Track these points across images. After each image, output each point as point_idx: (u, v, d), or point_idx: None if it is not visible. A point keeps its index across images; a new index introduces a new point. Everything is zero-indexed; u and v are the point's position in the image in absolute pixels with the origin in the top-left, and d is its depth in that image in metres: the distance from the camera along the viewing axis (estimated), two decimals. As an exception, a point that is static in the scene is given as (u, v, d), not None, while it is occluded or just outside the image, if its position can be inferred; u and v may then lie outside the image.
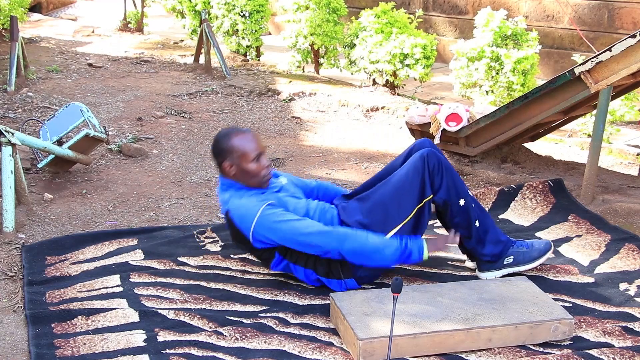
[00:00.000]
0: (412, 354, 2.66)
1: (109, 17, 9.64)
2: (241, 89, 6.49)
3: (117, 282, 3.23)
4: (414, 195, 3.07)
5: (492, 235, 3.18)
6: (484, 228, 3.17)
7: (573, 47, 7.87)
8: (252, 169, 3.09)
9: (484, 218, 3.19)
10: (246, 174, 3.10)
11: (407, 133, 5.21)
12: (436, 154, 3.11)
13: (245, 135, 3.13)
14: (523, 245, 3.23)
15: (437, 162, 3.08)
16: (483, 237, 3.17)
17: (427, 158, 3.08)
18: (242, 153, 3.08)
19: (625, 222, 3.83)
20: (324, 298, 3.09)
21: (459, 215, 3.13)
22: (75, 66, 7.04)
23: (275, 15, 8.95)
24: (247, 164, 3.09)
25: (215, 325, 2.89)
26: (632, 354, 2.62)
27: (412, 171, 3.08)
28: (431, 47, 6.21)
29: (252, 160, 3.09)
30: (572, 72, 4.06)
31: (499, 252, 3.19)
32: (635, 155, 5.64)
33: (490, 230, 3.19)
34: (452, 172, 3.12)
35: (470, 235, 3.17)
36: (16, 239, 3.66)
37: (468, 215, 3.13)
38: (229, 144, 3.10)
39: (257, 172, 3.10)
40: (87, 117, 4.34)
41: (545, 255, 3.22)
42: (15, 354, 2.74)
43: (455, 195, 3.11)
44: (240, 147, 3.09)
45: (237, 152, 3.09)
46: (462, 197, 3.12)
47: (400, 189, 3.09)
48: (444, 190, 3.09)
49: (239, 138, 3.11)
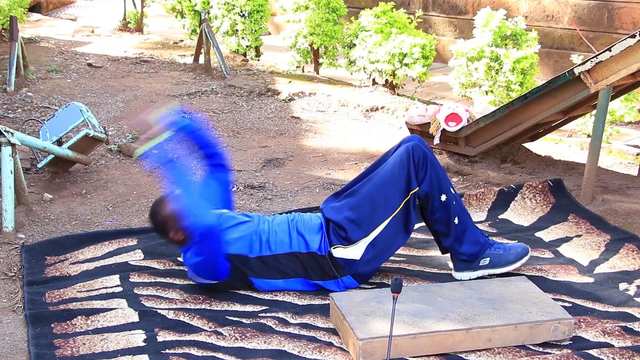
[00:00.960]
0: (411, 354, 2.66)
1: (108, 17, 9.64)
2: (241, 89, 6.49)
3: (116, 282, 3.23)
4: (400, 188, 3.08)
5: (471, 234, 3.18)
6: (463, 227, 3.16)
7: (573, 47, 7.87)
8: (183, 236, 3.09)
9: (464, 217, 3.18)
10: (180, 239, 3.10)
11: (407, 133, 5.21)
12: (421, 147, 3.12)
13: (164, 201, 3.11)
14: (500, 248, 3.22)
15: (422, 155, 3.08)
16: (461, 236, 3.16)
17: (412, 151, 3.08)
18: (173, 215, 3.05)
19: (624, 222, 3.83)
20: (323, 298, 3.09)
21: (440, 210, 3.13)
22: (74, 66, 7.03)
23: (274, 15, 8.96)
24: (185, 220, 3.05)
25: (215, 325, 2.89)
26: (631, 354, 2.62)
27: (398, 164, 3.09)
28: (430, 46, 6.21)
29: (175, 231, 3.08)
30: (572, 72, 4.06)
31: (476, 252, 3.18)
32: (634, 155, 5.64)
33: (469, 229, 3.18)
34: (436, 166, 3.12)
35: (449, 232, 3.16)
36: (16, 239, 3.66)
37: (448, 211, 3.13)
38: (160, 218, 3.09)
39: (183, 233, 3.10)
40: (86, 117, 4.34)
41: (521, 260, 3.21)
42: (15, 354, 2.74)
43: (438, 189, 3.10)
44: (170, 211, 3.07)
45: (170, 217, 3.06)
46: (444, 192, 3.11)
47: (387, 183, 3.10)
48: (426, 183, 3.09)
49: (162, 207, 3.10)
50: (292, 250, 3.11)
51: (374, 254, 3.11)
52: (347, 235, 3.09)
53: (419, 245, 3.61)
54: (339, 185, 4.47)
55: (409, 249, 3.55)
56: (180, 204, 2.99)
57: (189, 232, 3.03)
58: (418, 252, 3.54)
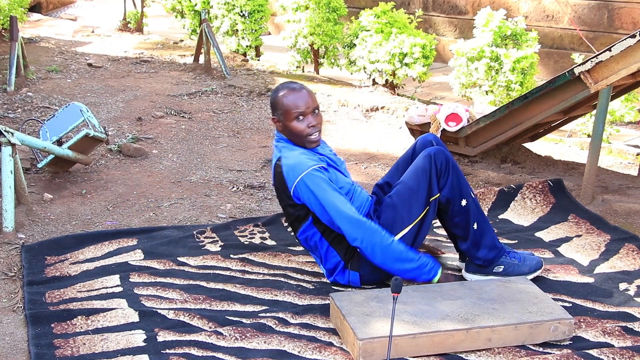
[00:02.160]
0: (411, 354, 2.66)
1: (108, 17, 9.64)
2: (241, 89, 6.49)
3: (116, 282, 3.23)
4: (422, 196, 3.08)
5: (489, 239, 3.17)
6: (482, 232, 3.16)
7: (573, 47, 7.87)
8: (294, 127, 3.10)
9: (483, 222, 3.18)
10: (289, 132, 3.12)
11: (407, 133, 5.21)
12: (444, 152, 3.12)
13: (293, 92, 3.12)
14: (516, 257, 3.21)
15: (444, 161, 3.08)
16: (479, 241, 3.16)
17: (434, 157, 3.08)
18: (285, 110, 3.10)
19: (625, 222, 3.83)
20: (323, 298, 3.09)
21: (459, 215, 3.14)
22: (75, 66, 7.04)
23: (275, 15, 8.95)
24: (289, 122, 3.10)
25: (215, 325, 2.89)
26: (631, 354, 2.62)
27: (421, 172, 3.09)
28: (430, 46, 6.22)
29: (294, 119, 3.09)
30: (572, 72, 4.06)
31: (492, 258, 3.18)
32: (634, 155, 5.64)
33: (488, 234, 3.18)
34: (457, 171, 3.12)
35: (467, 236, 3.17)
36: (16, 239, 3.66)
37: (468, 216, 3.13)
38: (275, 99, 3.15)
39: (299, 131, 3.10)
40: (86, 117, 4.34)
41: (534, 273, 3.20)
42: (15, 354, 2.74)
43: (459, 195, 3.11)
44: (285, 104, 3.10)
45: (281, 108, 3.11)
46: (464, 197, 3.12)
47: (409, 191, 3.09)
48: (448, 188, 3.09)
49: (286, 95, 3.12)
50: None
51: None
52: None
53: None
54: (339, 185, 4.48)
55: (409, 249, 3.55)
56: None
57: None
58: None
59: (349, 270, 3.15)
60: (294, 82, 3.21)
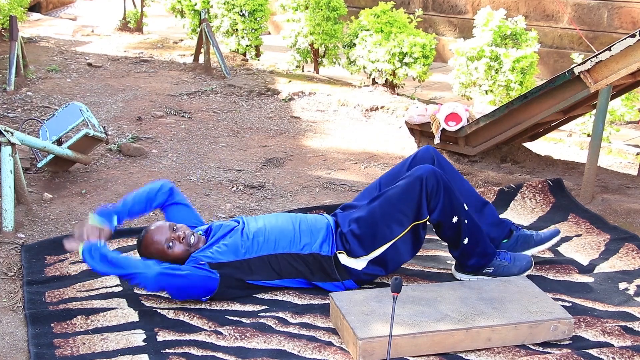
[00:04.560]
0: (411, 353, 2.66)
1: (108, 17, 9.64)
2: (241, 89, 6.48)
3: (116, 282, 3.23)
4: (408, 214, 3.02)
5: (480, 249, 3.15)
6: (473, 244, 3.13)
7: (572, 47, 7.87)
8: (176, 253, 3.10)
9: (475, 235, 3.13)
10: (180, 259, 3.11)
11: (407, 132, 5.21)
12: (435, 174, 3.02)
13: (145, 238, 3.13)
14: (506, 258, 3.21)
15: (435, 184, 3.00)
16: (470, 252, 3.15)
17: (425, 181, 3.00)
18: (158, 254, 3.09)
19: (624, 222, 3.83)
20: (323, 298, 3.09)
21: (450, 230, 3.11)
22: (74, 66, 7.04)
23: (274, 15, 8.95)
24: (171, 255, 3.08)
25: (215, 324, 2.89)
26: (631, 354, 2.62)
27: (409, 192, 3.02)
28: (430, 46, 6.22)
29: (170, 249, 3.09)
30: (572, 72, 4.06)
31: (482, 265, 3.18)
32: (634, 154, 5.64)
33: (479, 245, 3.15)
34: (449, 191, 3.04)
35: (457, 248, 3.15)
36: (15, 239, 3.66)
37: (459, 231, 3.09)
38: (146, 255, 3.12)
39: (183, 252, 3.10)
40: (86, 116, 4.34)
41: (524, 273, 3.20)
42: (15, 353, 2.74)
43: (450, 214, 3.05)
44: (153, 251, 3.10)
45: (155, 255, 3.09)
46: (455, 215, 3.06)
47: (393, 208, 3.04)
48: (438, 211, 3.03)
49: (145, 245, 3.12)
50: (292, 250, 3.10)
51: (376, 267, 3.11)
52: (350, 248, 3.08)
53: (418, 244, 3.61)
54: (338, 185, 4.48)
55: (408, 249, 3.55)
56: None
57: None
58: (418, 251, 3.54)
59: (342, 281, 3.14)
60: (141, 233, 3.20)
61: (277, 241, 3.10)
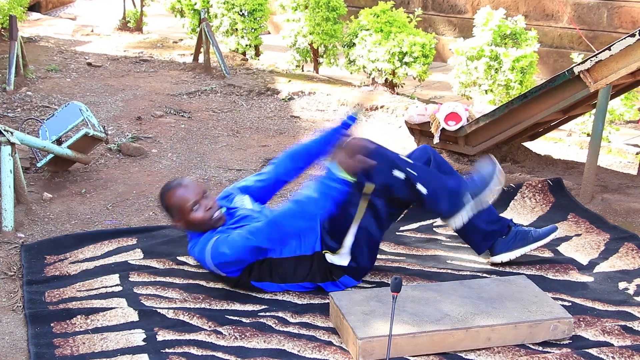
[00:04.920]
0: (411, 353, 2.66)
1: (108, 16, 9.64)
2: (240, 88, 6.49)
3: (116, 282, 3.23)
4: (352, 191, 2.99)
5: (441, 189, 3.11)
6: (434, 192, 3.09)
7: (572, 47, 7.87)
8: (196, 218, 3.09)
9: (427, 178, 3.10)
10: (194, 225, 3.11)
11: (407, 132, 5.21)
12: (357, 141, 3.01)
13: (177, 189, 3.12)
14: (473, 178, 3.15)
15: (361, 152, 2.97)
16: (435, 198, 3.10)
17: None
18: (179, 208, 3.09)
19: (624, 221, 3.83)
20: (323, 297, 3.09)
21: (403, 188, 3.08)
22: (74, 65, 7.03)
23: (274, 14, 8.95)
24: (189, 216, 3.08)
25: (215, 324, 2.89)
26: (631, 353, 2.62)
27: None
28: (430, 45, 6.22)
29: (192, 211, 3.08)
30: (572, 71, 4.06)
31: (457, 205, 3.12)
32: (634, 154, 5.64)
33: (441, 191, 3.11)
34: (374, 152, 3.02)
35: (422, 201, 3.11)
36: (15, 238, 3.66)
37: (410, 183, 3.07)
38: (166, 204, 3.13)
39: (202, 220, 3.09)
40: (86, 116, 4.34)
41: (494, 175, 3.12)
42: (15, 353, 2.74)
43: (388, 170, 3.04)
44: (176, 203, 3.09)
45: (175, 209, 3.10)
46: (394, 168, 3.05)
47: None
48: (375, 174, 3.02)
49: (171, 194, 3.11)
50: (299, 253, 3.11)
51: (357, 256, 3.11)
52: (328, 245, 3.11)
53: (418, 244, 3.61)
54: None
55: (408, 248, 3.56)
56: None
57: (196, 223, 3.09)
58: (417, 251, 3.54)
59: (338, 280, 3.14)
60: (173, 181, 3.19)
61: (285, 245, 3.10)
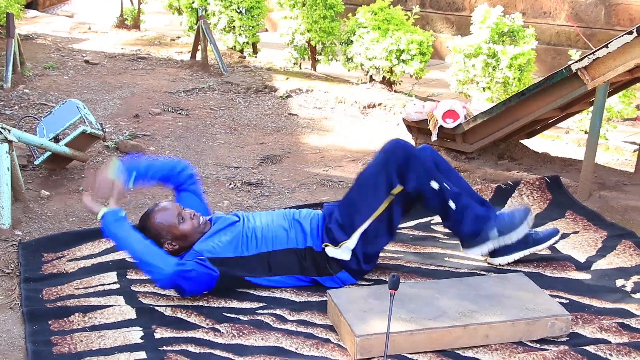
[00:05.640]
0: (409, 350, 2.66)
1: (105, 14, 9.61)
2: (238, 86, 6.48)
3: (114, 279, 3.23)
4: (380, 190, 3.06)
5: (470, 212, 3.14)
6: (461, 209, 3.12)
7: (570, 44, 7.87)
8: (185, 228, 3.10)
9: (459, 197, 3.13)
10: (185, 236, 3.10)
11: (404, 130, 5.21)
12: (401, 145, 3.09)
13: (156, 212, 3.12)
14: (503, 216, 3.20)
15: (402, 153, 3.06)
16: (461, 217, 3.14)
17: (390, 151, 3.07)
18: (167, 226, 3.08)
19: (621, 219, 3.84)
20: (321, 295, 3.09)
21: (435, 198, 3.10)
22: (71, 63, 7.02)
23: (271, 12, 8.94)
24: (179, 230, 3.08)
25: (213, 322, 2.89)
26: (628, 350, 2.62)
27: (377, 166, 3.09)
28: (427, 43, 6.21)
29: (180, 224, 3.09)
30: (569, 69, 4.06)
31: (479, 230, 3.16)
32: (632, 151, 5.64)
33: (468, 207, 3.14)
34: (418, 158, 3.07)
35: (447, 216, 3.15)
36: (13, 236, 3.65)
37: (443, 196, 3.09)
38: (154, 228, 3.10)
39: (192, 227, 3.10)
40: (83, 114, 4.34)
41: (526, 220, 3.18)
42: (12, 351, 2.73)
43: (426, 179, 3.07)
44: (162, 222, 3.09)
45: (163, 228, 3.09)
46: (432, 179, 3.08)
47: (364, 186, 3.11)
48: (413, 179, 3.06)
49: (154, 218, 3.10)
50: (289, 246, 3.12)
51: (360, 255, 3.12)
52: (334, 236, 3.11)
53: (416, 242, 3.61)
54: (336, 182, 4.48)
55: (406, 246, 3.56)
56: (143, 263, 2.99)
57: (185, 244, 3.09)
58: (415, 248, 3.54)
59: (336, 275, 3.15)
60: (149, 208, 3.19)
61: (273, 238, 3.11)
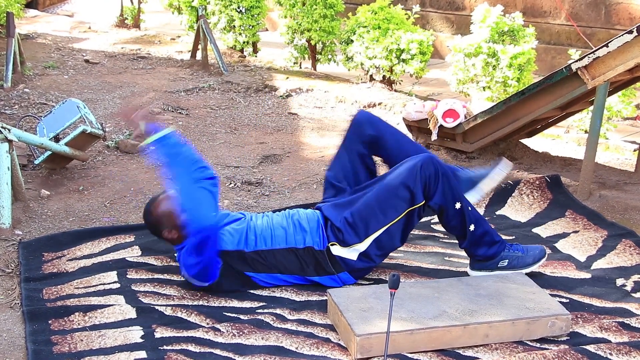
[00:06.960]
0: (409, 349, 2.66)
1: (105, 13, 9.62)
2: (238, 85, 6.48)
3: (114, 279, 3.23)
4: (403, 200, 3.04)
5: (488, 237, 3.16)
6: (479, 231, 3.14)
7: (570, 43, 7.87)
8: None
9: (480, 220, 3.16)
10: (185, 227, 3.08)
11: (405, 129, 5.20)
12: (432, 160, 3.06)
13: (160, 201, 3.12)
14: (519, 249, 3.21)
15: (433, 171, 3.03)
16: (478, 240, 3.15)
17: (422, 166, 3.03)
18: (169, 215, 3.07)
19: (622, 218, 3.84)
20: (321, 294, 3.09)
21: (455, 218, 3.11)
22: (71, 62, 7.02)
23: (271, 11, 8.94)
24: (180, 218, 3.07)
25: (213, 321, 2.89)
26: (628, 350, 2.62)
27: (406, 178, 3.04)
28: (427, 42, 6.21)
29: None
30: (569, 68, 4.06)
31: (492, 254, 3.18)
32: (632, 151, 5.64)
33: (486, 232, 3.16)
34: (448, 177, 3.07)
35: (465, 236, 3.16)
36: (13, 236, 3.65)
37: (463, 218, 3.11)
38: (155, 215, 3.10)
39: None
40: (83, 113, 4.34)
41: (539, 262, 3.20)
42: (12, 350, 2.74)
43: (452, 199, 3.07)
44: (164, 210, 3.08)
45: (165, 216, 3.08)
46: (457, 200, 3.09)
47: (389, 194, 3.07)
48: (439, 196, 3.05)
49: (157, 205, 3.11)
50: (288, 245, 3.12)
51: (369, 257, 3.12)
52: (343, 237, 3.10)
53: (416, 241, 3.61)
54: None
55: (406, 245, 3.55)
56: (179, 201, 2.99)
57: (185, 231, 3.04)
58: (416, 248, 3.54)
59: (337, 274, 3.15)
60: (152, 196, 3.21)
61: (273, 238, 3.11)
